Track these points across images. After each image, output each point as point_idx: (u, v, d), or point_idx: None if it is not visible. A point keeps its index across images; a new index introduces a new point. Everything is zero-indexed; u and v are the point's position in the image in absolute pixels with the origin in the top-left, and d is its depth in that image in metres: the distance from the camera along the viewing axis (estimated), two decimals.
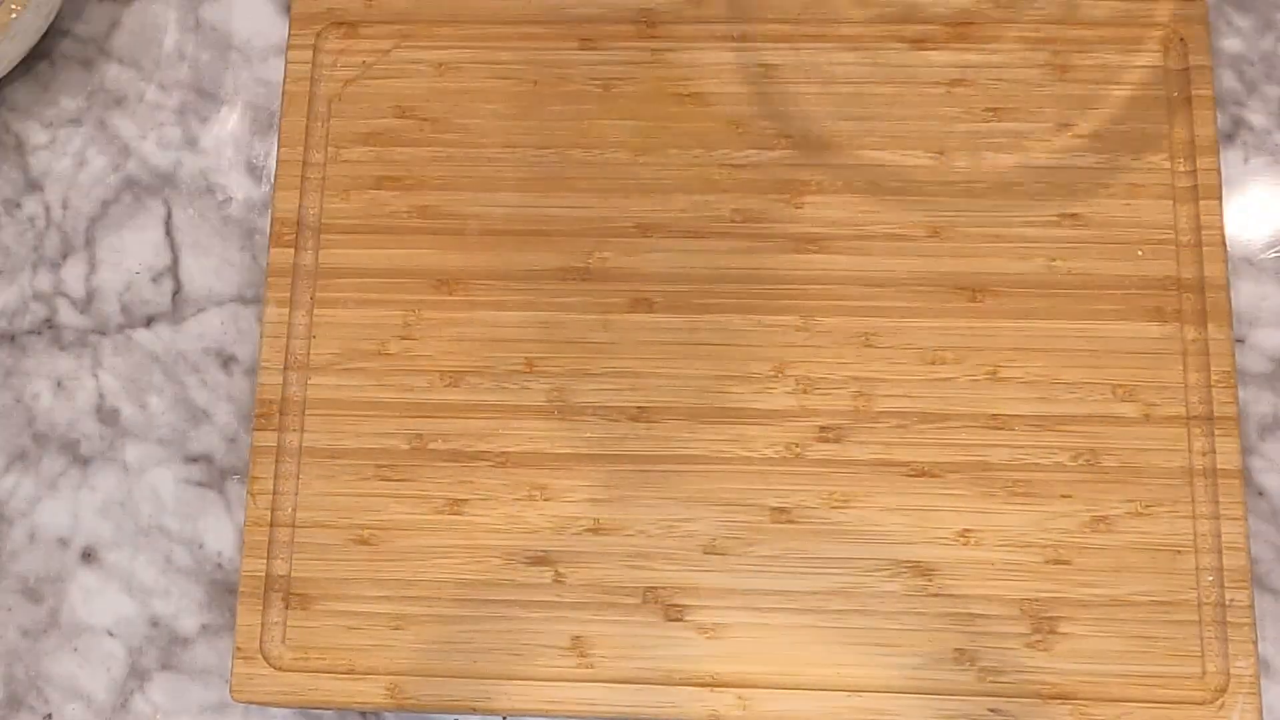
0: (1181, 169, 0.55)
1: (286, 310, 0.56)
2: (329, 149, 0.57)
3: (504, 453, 0.53)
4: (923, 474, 0.52)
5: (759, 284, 0.55)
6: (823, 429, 0.53)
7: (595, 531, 0.53)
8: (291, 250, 0.56)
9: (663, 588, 0.52)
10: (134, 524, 0.55)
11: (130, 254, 0.59)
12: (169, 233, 0.59)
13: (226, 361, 0.57)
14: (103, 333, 0.58)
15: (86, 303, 0.58)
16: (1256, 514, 0.53)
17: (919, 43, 0.57)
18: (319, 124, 0.58)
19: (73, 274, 0.58)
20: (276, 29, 0.61)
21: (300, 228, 0.57)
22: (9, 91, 0.61)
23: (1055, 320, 0.54)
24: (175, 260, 0.58)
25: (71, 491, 0.56)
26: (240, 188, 0.59)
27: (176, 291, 0.58)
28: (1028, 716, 0.50)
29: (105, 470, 0.56)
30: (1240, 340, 0.55)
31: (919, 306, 0.53)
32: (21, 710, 0.54)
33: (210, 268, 0.58)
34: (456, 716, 0.53)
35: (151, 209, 0.59)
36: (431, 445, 0.54)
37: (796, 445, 0.53)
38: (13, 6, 0.55)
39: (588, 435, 0.53)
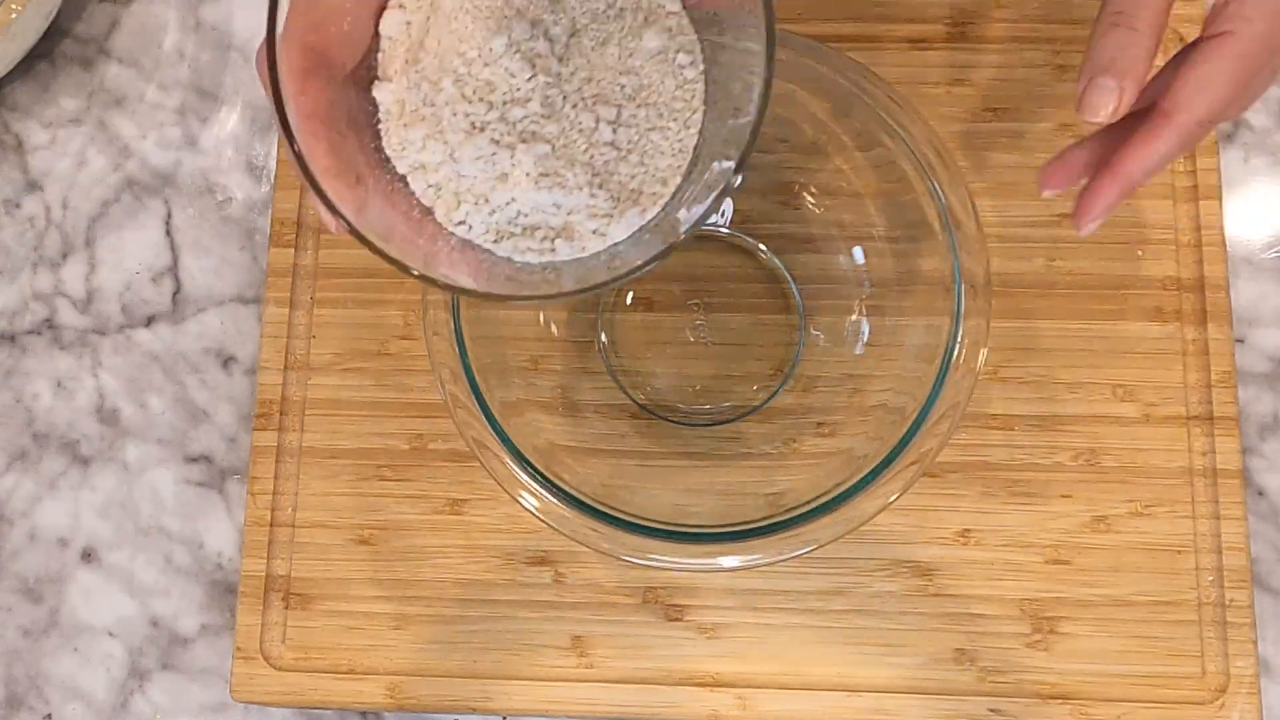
0: (1181, 169, 0.55)
1: (286, 310, 0.56)
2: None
3: None
4: (923, 474, 0.52)
5: (759, 284, 0.55)
6: (819, 424, 0.53)
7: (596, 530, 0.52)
8: (291, 250, 0.56)
9: (663, 588, 0.52)
10: (134, 524, 0.55)
11: (130, 254, 0.59)
12: (169, 233, 0.59)
13: (226, 361, 0.57)
14: (103, 333, 0.58)
15: (86, 303, 0.58)
16: (1256, 514, 0.53)
17: (919, 43, 0.57)
18: None
19: (73, 274, 0.58)
20: None
21: (300, 228, 0.57)
22: (9, 91, 0.61)
23: (1055, 320, 0.54)
24: (175, 260, 0.58)
25: (71, 491, 0.56)
26: (240, 188, 0.59)
27: (176, 291, 0.58)
28: (1028, 716, 0.50)
29: (105, 470, 0.56)
30: (1240, 340, 0.55)
31: (918, 305, 0.53)
32: (21, 710, 0.54)
33: (210, 268, 0.58)
34: (456, 716, 0.53)
35: (151, 209, 0.59)
36: (431, 445, 0.54)
37: (794, 441, 0.52)
38: (13, 6, 0.55)
39: (589, 432, 0.53)
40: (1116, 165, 0.37)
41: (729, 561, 0.45)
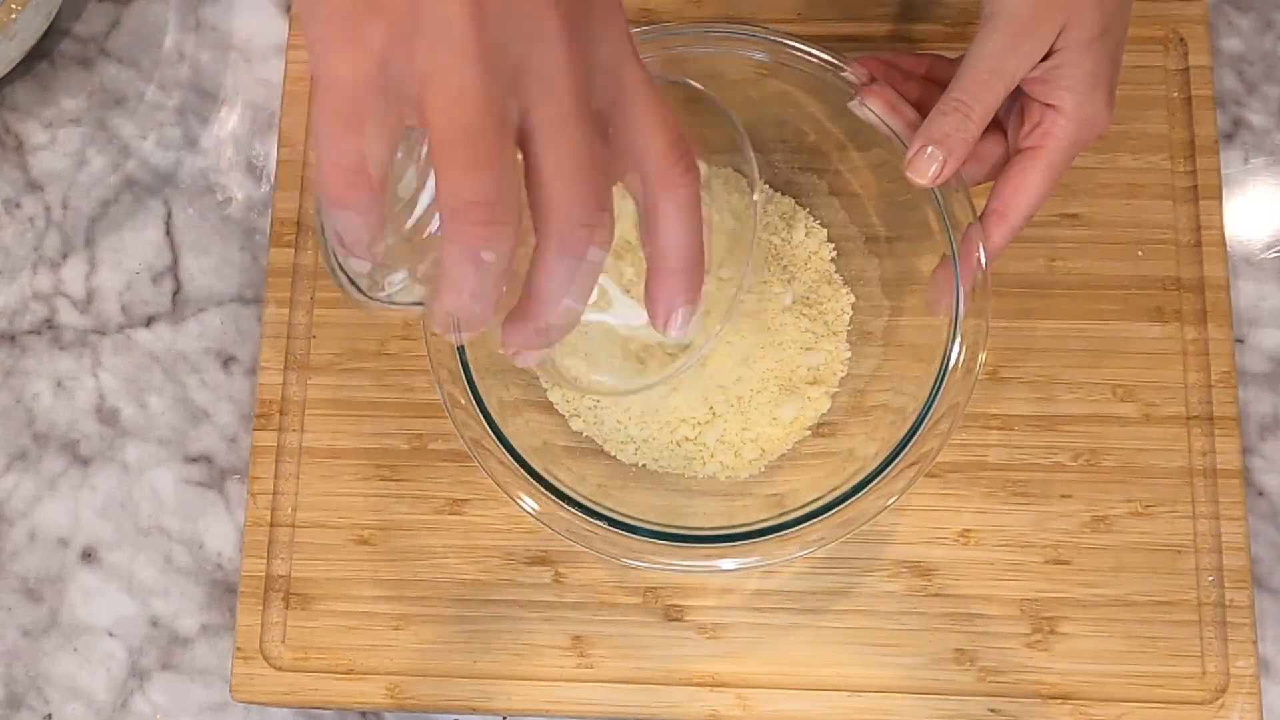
0: (1181, 169, 0.55)
1: (286, 310, 0.56)
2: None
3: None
4: (923, 474, 0.52)
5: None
6: (819, 425, 0.53)
7: (594, 532, 0.52)
8: (291, 250, 0.56)
9: (662, 587, 0.52)
10: (134, 524, 0.55)
11: (130, 254, 0.59)
12: (169, 233, 0.59)
13: (226, 361, 0.57)
14: (103, 333, 0.58)
15: (86, 303, 0.58)
16: (1256, 514, 0.53)
17: (919, 43, 0.57)
18: None
19: (73, 274, 0.58)
20: (276, 29, 0.61)
21: (300, 228, 0.57)
22: (9, 91, 0.61)
23: (1055, 320, 0.54)
24: (175, 260, 0.58)
25: (71, 491, 0.56)
26: (240, 188, 0.59)
27: (176, 291, 0.58)
28: (1028, 716, 0.50)
29: (105, 470, 0.56)
30: (1240, 340, 0.54)
31: (918, 305, 0.53)
32: (21, 710, 0.54)
33: (210, 268, 0.58)
34: (456, 716, 0.53)
35: (151, 209, 0.59)
36: (431, 445, 0.54)
37: (796, 441, 0.52)
38: (13, 6, 0.55)
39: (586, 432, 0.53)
40: (964, 257, 0.45)
41: (729, 564, 0.45)
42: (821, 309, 0.53)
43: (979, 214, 0.45)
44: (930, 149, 0.42)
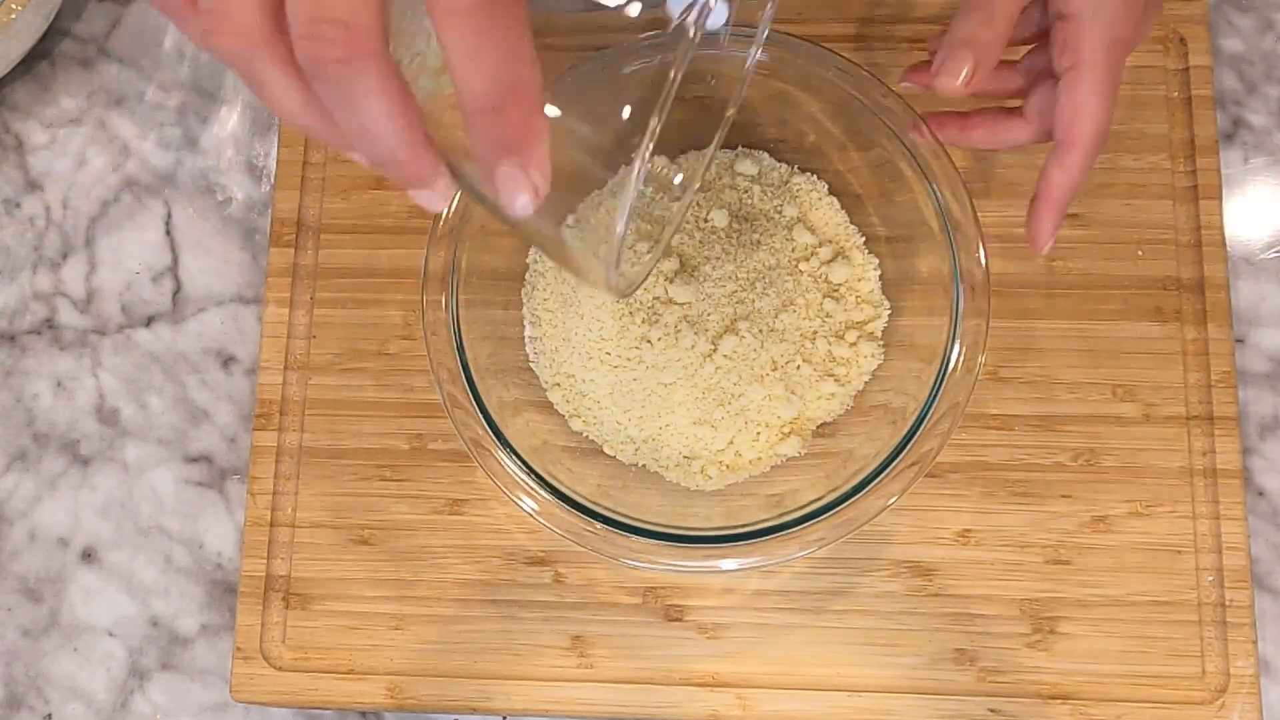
0: (1181, 169, 0.55)
1: (286, 310, 0.56)
2: (329, 149, 0.57)
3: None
4: (923, 474, 0.52)
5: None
6: (819, 425, 0.53)
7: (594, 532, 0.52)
8: (291, 250, 0.56)
9: (662, 587, 0.52)
10: (134, 524, 0.55)
11: (130, 254, 0.59)
12: (169, 233, 0.59)
13: (226, 361, 0.57)
14: (103, 333, 0.58)
15: (86, 303, 0.58)
16: (1256, 514, 0.53)
17: (919, 43, 0.57)
18: None
19: (73, 274, 0.58)
20: None
21: (300, 228, 0.57)
22: (9, 91, 0.61)
23: (1055, 320, 0.54)
24: (175, 260, 0.58)
25: (71, 491, 0.56)
26: (240, 188, 0.59)
27: (176, 291, 0.58)
28: (1028, 716, 0.50)
29: (105, 470, 0.56)
30: (1240, 340, 0.54)
31: (918, 306, 0.53)
32: (21, 710, 0.54)
33: (210, 268, 0.58)
34: (456, 716, 0.53)
35: (151, 209, 0.59)
36: (431, 445, 0.54)
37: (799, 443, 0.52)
38: (13, 6, 0.55)
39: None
40: (1046, 192, 0.42)
41: (729, 564, 0.45)
42: (850, 314, 0.53)
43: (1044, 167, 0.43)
44: (960, 50, 0.40)
